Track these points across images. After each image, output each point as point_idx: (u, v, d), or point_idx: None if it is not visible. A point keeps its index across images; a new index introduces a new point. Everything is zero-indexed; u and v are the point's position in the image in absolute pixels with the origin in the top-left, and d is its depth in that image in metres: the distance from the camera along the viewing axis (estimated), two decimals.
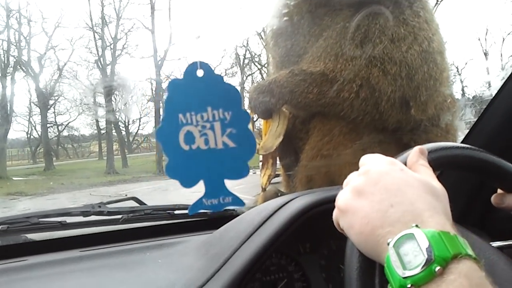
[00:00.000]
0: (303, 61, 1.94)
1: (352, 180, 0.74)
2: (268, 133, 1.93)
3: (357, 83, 1.78)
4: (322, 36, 1.91)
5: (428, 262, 0.59)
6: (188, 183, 1.51)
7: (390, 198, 0.67)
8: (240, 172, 1.44)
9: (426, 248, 0.59)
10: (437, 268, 0.58)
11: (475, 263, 0.60)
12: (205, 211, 1.61)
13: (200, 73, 1.48)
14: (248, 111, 1.77)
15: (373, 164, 0.74)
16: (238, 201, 1.46)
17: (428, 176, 0.74)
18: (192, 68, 1.47)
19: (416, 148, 0.80)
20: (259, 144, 1.93)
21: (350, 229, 0.70)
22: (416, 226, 0.62)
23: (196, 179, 1.49)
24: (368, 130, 1.84)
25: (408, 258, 0.60)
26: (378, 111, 1.78)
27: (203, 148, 1.45)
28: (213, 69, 1.51)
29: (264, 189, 2.03)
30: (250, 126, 1.55)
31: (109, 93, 24.28)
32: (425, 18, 1.88)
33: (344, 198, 0.73)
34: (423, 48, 1.80)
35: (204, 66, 1.47)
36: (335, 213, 0.75)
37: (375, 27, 1.80)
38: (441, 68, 1.85)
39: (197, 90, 1.47)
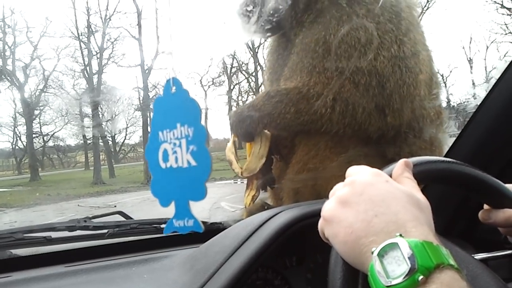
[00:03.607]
0: (282, 77, 1.97)
1: (337, 190, 0.75)
2: (251, 155, 1.97)
3: (330, 97, 1.80)
4: (295, 53, 1.95)
5: (412, 271, 0.59)
6: (164, 202, 1.50)
7: (375, 208, 0.68)
8: (200, 194, 1.40)
9: (410, 258, 0.60)
10: (420, 277, 0.59)
11: (457, 273, 0.61)
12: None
13: (173, 89, 1.47)
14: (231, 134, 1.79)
15: (359, 175, 0.75)
16: (198, 227, 1.44)
17: (412, 188, 0.75)
18: (167, 84, 1.47)
19: (402, 161, 0.80)
20: (241, 168, 1.99)
21: (335, 238, 0.71)
22: (400, 235, 0.63)
23: (170, 199, 1.48)
24: (353, 143, 1.85)
25: (391, 267, 0.61)
26: (357, 122, 1.80)
27: (174, 166, 1.44)
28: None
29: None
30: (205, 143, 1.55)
31: (95, 102, 24.18)
32: (389, 18, 1.84)
33: (329, 207, 0.73)
34: (392, 54, 1.79)
35: (176, 82, 1.46)
36: (320, 222, 0.75)
37: (337, 38, 1.80)
38: (415, 71, 1.83)
39: (170, 107, 1.47)
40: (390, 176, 0.78)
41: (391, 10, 1.85)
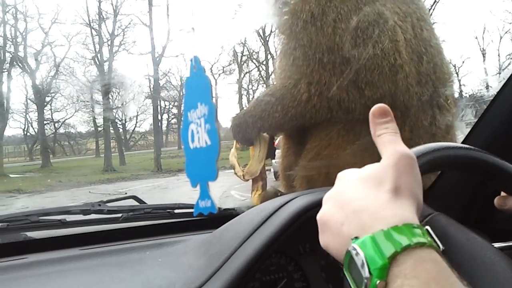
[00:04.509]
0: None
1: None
2: (252, 159, 2.04)
3: (305, 81, 1.81)
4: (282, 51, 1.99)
5: (369, 280, 0.54)
6: (193, 183, 1.51)
7: (341, 217, 0.64)
8: (213, 173, 1.40)
9: (362, 265, 0.55)
10: (378, 282, 0.53)
11: (427, 249, 0.54)
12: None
13: (195, 68, 1.47)
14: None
15: (329, 191, 0.72)
16: (213, 208, 1.44)
17: (385, 143, 0.70)
18: (191, 63, 1.47)
19: (375, 107, 0.76)
20: (243, 170, 2.06)
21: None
22: (356, 238, 0.58)
23: (196, 180, 1.48)
24: (365, 130, 1.84)
25: (357, 280, 0.56)
26: (337, 101, 1.79)
27: (198, 146, 1.44)
28: (203, 63, 1.51)
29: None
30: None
31: (106, 90, 24.29)
32: None
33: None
34: (351, 25, 1.76)
35: (196, 60, 1.46)
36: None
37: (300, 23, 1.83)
38: (382, 40, 1.77)
39: (194, 86, 1.47)
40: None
41: None
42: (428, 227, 0.60)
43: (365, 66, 1.75)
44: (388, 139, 0.70)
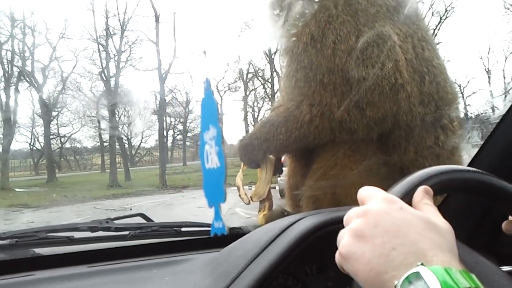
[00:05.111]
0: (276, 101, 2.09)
1: (352, 223, 0.72)
2: (259, 181, 2.10)
3: (307, 103, 1.86)
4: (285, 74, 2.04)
5: None
6: (209, 203, 1.52)
7: (392, 240, 0.65)
8: (222, 196, 1.42)
9: (434, 285, 0.58)
10: None
11: None
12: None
13: (207, 90, 1.49)
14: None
15: (372, 203, 0.72)
16: (223, 229, 1.46)
17: (431, 213, 0.72)
18: (204, 85, 1.49)
19: (421, 188, 0.78)
20: (246, 194, 2.13)
21: (355, 275, 0.68)
22: (422, 264, 0.61)
23: (212, 200, 1.49)
24: (371, 151, 1.86)
25: None
26: (338, 122, 1.82)
27: (211, 167, 1.46)
28: (213, 84, 1.53)
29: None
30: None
31: (112, 105, 24.38)
32: (344, 10, 1.84)
33: (345, 243, 0.70)
34: (350, 46, 1.79)
35: (207, 83, 1.48)
36: (337, 258, 0.73)
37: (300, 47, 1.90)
38: (381, 61, 1.79)
39: (207, 108, 1.49)
40: (404, 196, 0.77)
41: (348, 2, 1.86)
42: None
43: (368, 86, 1.76)
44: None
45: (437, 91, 1.88)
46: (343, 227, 0.75)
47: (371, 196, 0.74)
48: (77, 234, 1.60)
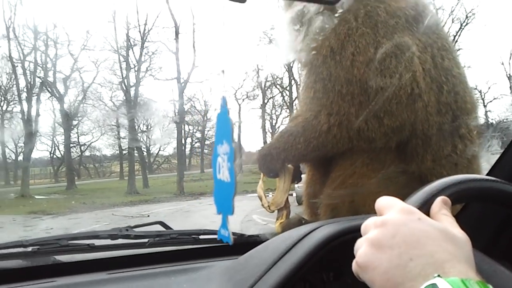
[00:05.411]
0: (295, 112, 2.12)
1: (369, 232, 0.72)
2: (277, 190, 2.13)
3: (325, 113, 1.88)
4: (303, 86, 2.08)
5: None
6: (218, 210, 1.54)
7: (409, 251, 0.66)
8: (230, 209, 1.45)
9: None
10: None
11: None
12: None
13: (223, 107, 1.53)
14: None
15: (390, 214, 0.72)
16: (229, 239, 1.49)
17: (449, 224, 0.72)
18: (221, 102, 1.53)
19: (440, 198, 0.78)
20: (268, 202, 2.15)
21: (372, 285, 0.69)
22: (439, 276, 0.61)
23: (220, 209, 1.52)
24: (389, 160, 1.86)
25: None
26: (356, 131, 1.83)
27: (222, 179, 1.49)
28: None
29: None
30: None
31: (131, 114, 24.61)
32: (363, 21, 1.87)
33: (363, 253, 0.71)
34: (369, 57, 1.81)
35: (224, 100, 1.52)
36: (354, 267, 0.73)
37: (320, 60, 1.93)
38: (398, 71, 1.81)
39: (221, 123, 1.52)
40: (421, 206, 0.77)
41: (365, 12, 1.88)
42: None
43: (387, 96, 1.77)
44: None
45: (455, 101, 1.87)
46: (360, 236, 0.75)
47: (389, 206, 0.74)
48: (97, 242, 1.62)
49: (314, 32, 1.92)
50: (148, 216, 12.24)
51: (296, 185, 2.76)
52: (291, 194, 2.29)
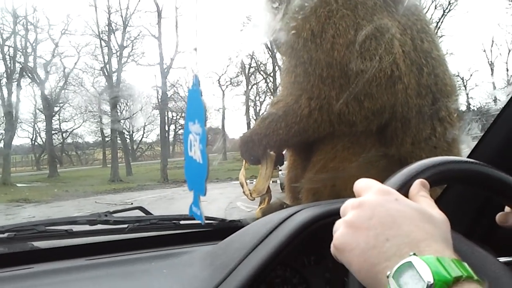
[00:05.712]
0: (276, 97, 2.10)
1: (347, 214, 0.72)
2: (259, 177, 2.12)
3: (305, 96, 1.87)
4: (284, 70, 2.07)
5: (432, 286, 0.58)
6: (189, 186, 1.53)
7: (386, 231, 0.66)
8: (202, 190, 1.44)
9: (426, 274, 0.59)
10: None
11: (478, 285, 0.59)
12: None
13: (195, 86, 1.50)
14: None
15: (367, 195, 0.72)
16: (201, 218, 1.48)
17: (427, 205, 0.72)
18: (194, 80, 1.50)
19: (418, 181, 0.78)
20: (250, 189, 2.13)
21: (349, 266, 0.69)
22: (414, 254, 0.62)
23: (191, 185, 1.51)
24: (370, 143, 1.86)
25: (409, 286, 0.60)
26: (337, 114, 1.82)
27: (193, 157, 1.48)
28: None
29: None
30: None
31: (114, 100, 24.42)
32: (343, 2, 1.84)
33: (340, 234, 0.71)
34: (349, 40, 1.79)
35: (196, 80, 1.50)
36: (332, 249, 0.73)
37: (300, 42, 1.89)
38: (379, 53, 1.79)
39: (193, 102, 1.50)
40: (400, 188, 0.77)
41: None
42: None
43: (366, 78, 1.76)
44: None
45: (435, 83, 1.87)
46: (340, 218, 0.75)
47: (367, 188, 0.74)
48: (75, 228, 1.60)
49: (294, 11, 1.89)
50: (132, 204, 12.19)
51: (280, 172, 2.75)
52: (275, 181, 2.29)
